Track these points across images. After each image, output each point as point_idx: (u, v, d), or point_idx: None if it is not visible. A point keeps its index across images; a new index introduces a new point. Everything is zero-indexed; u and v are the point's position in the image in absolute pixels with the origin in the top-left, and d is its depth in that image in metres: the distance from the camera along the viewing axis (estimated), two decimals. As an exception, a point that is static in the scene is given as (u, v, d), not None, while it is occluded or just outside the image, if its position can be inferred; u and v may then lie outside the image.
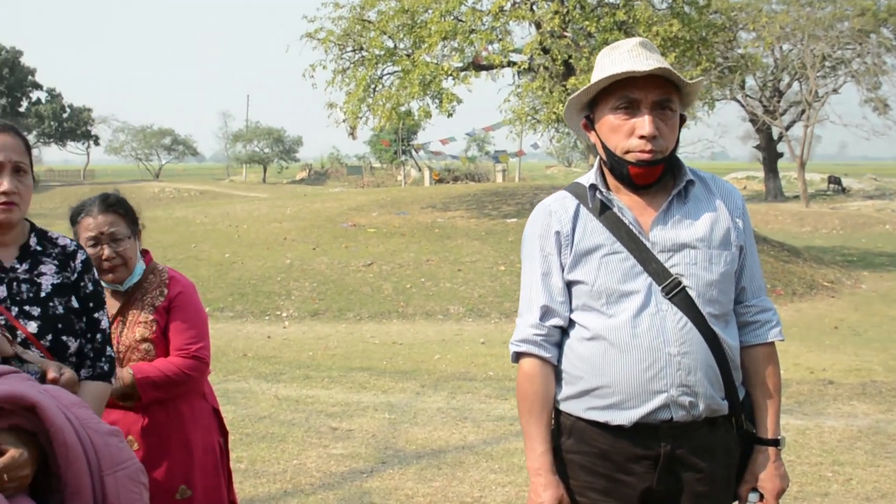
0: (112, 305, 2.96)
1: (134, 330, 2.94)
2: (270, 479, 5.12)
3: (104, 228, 2.91)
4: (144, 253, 3.09)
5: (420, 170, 48.81)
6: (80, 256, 2.39)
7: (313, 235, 16.56)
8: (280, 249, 15.47)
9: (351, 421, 6.45)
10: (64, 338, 2.27)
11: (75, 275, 2.36)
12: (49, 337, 2.23)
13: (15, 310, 2.17)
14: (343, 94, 18.65)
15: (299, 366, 8.76)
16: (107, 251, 2.91)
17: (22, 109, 54.22)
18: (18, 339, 2.15)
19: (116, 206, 2.97)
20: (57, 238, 2.40)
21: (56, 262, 2.35)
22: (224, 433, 3.17)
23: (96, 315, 2.37)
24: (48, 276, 2.30)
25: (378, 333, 11.06)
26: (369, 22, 18.19)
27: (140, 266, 3.02)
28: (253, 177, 66.22)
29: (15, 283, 2.22)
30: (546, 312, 2.18)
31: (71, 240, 2.43)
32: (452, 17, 17.12)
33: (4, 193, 2.21)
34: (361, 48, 18.50)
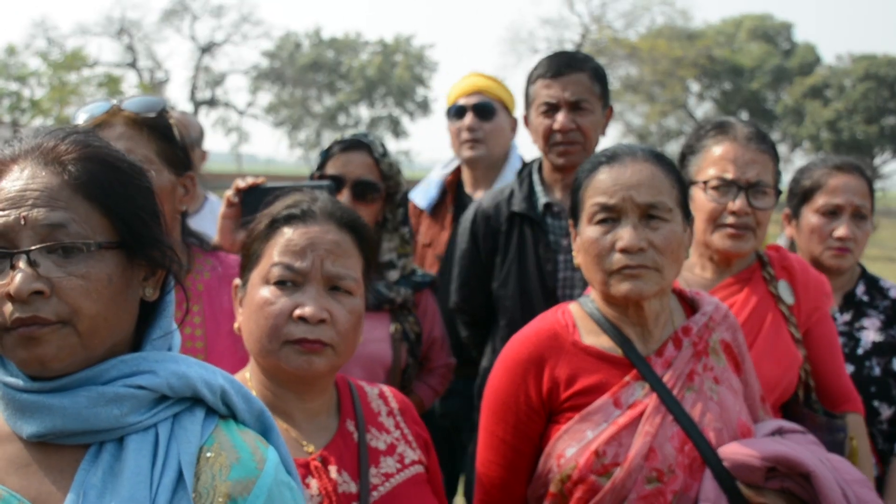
0: None
1: None
2: None
3: None
4: None
5: None
6: None
7: None
8: None
9: None
10: (875, 403, 2.05)
11: None
12: None
13: None
14: None
15: None
16: None
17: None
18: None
19: None
20: (889, 289, 2.22)
21: (882, 315, 2.17)
22: None
23: None
24: (869, 331, 2.14)
25: None
26: None
27: None
28: None
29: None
30: None
31: None
32: None
33: (840, 239, 2.15)
34: None
